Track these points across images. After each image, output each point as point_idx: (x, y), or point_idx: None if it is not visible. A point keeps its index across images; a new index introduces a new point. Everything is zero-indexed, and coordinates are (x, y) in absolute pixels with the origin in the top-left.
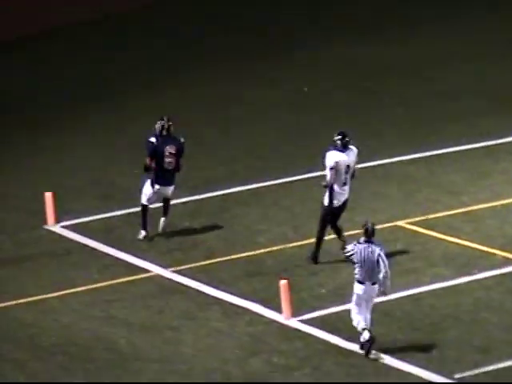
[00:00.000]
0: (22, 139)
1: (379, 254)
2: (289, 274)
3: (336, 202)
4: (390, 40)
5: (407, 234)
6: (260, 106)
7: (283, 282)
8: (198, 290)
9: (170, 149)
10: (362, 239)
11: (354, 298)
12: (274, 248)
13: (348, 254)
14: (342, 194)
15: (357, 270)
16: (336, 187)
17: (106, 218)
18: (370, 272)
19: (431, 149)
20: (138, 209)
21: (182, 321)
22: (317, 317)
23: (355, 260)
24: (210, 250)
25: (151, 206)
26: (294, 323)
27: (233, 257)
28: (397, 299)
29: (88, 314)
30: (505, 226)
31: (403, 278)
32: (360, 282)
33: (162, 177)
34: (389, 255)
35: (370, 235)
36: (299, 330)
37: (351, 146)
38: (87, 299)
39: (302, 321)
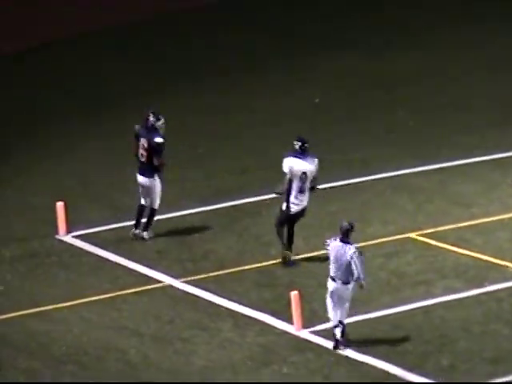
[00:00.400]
0: (34, 148)
1: (352, 257)
2: (300, 285)
3: (293, 209)
4: (403, 52)
5: (418, 246)
6: (273, 117)
7: (294, 293)
8: (208, 301)
9: (144, 142)
10: (339, 238)
11: (328, 292)
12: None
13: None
14: (299, 202)
15: (330, 266)
16: (292, 195)
17: (117, 228)
18: (342, 271)
19: (442, 161)
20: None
21: (192, 331)
22: (328, 328)
23: (329, 256)
24: (221, 261)
25: (160, 217)
26: (305, 334)
27: (244, 268)
28: (407, 311)
29: (99, 323)
30: None
31: (414, 290)
32: (332, 279)
33: (139, 166)
34: (399, 267)
35: (343, 234)
36: (310, 341)
37: (311, 155)
38: (98, 309)
39: (312, 332)
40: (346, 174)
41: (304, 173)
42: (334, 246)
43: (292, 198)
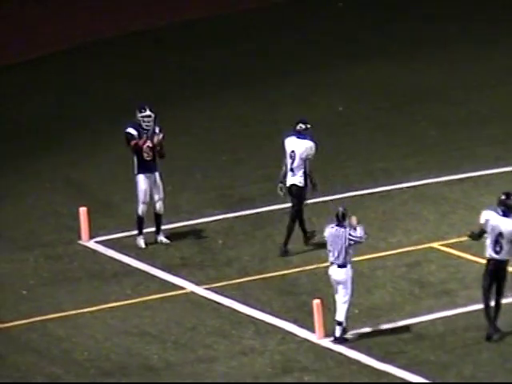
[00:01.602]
0: (58, 155)
1: (350, 234)
2: (322, 294)
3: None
4: (427, 64)
5: (441, 256)
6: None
7: (316, 302)
8: (231, 308)
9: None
10: (334, 224)
11: (331, 281)
12: (308, 267)
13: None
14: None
15: (328, 253)
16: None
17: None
18: (339, 254)
19: (466, 171)
20: (172, 225)
21: (214, 338)
22: (350, 337)
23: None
24: (244, 268)
25: (183, 224)
26: (327, 343)
27: (266, 275)
28: (430, 320)
29: (121, 329)
30: None
31: (437, 300)
32: (332, 264)
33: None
34: (422, 276)
35: (339, 219)
36: (331, 350)
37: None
38: (120, 315)
39: None
40: (370, 184)
41: (292, 151)
42: (330, 231)
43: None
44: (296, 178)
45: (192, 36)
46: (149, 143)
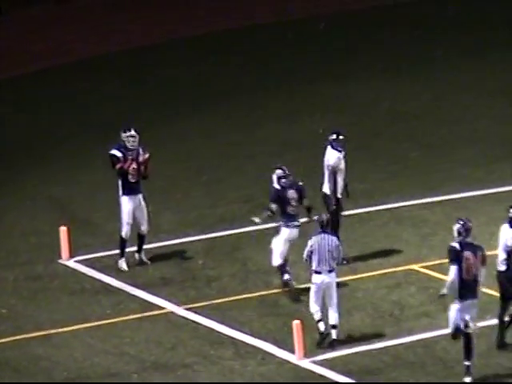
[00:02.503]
0: (39, 173)
1: (338, 244)
2: (302, 315)
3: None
4: (409, 85)
5: (421, 278)
6: (278, 146)
7: (296, 323)
8: (210, 328)
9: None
10: (318, 231)
11: (314, 287)
12: (288, 288)
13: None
14: None
15: (313, 262)
16: None
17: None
18: (327, 261)
19: (447, 193)
20: (151, 245)
21: (194, 358)
22: (329, 358)
23: (309, 253)
24: (224, 289)
25: (163, 244)
26: (307, 364)
27: (246, 296)
28: (410, 343)
29: (101, 349)
30: None
31: (416, 322)
32: (317, 273)
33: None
34: (402, 298)
35: (324, 226)
36: (311, 371)
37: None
38: (100, 334)
39: (314, 362)
40: (350, 205)
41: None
42: (317, 238)
43: None
44: (325, 187)
45: (172, 53)
46: (134, 165)
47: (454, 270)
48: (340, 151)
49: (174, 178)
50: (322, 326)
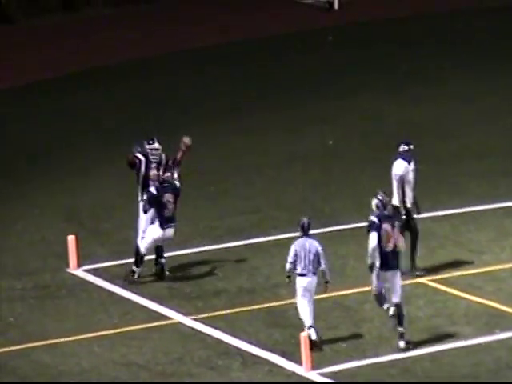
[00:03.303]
0: (47, 183)
1: (321, 249)
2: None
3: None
4: (418, 98)
5: (429, 291)
6: (286, 158)
7: (304, 335)
8: (218, 339)
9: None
10: (299, 235)
11: (300, 291)
12: (295, 300)
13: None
14: None
15: (298, 265)
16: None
17: (127, 263)
18: (311, 264)
19: (454, 207)
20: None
21: (201, 369)
22: (336, 370)
23: (295, 257)
24: (232, 300)
25: (172, 254)
26: (314, 376)
27: (254, 307)
28: (417, 356)
29: (108, 358)
30: None
31: (424, 336)
32: (302, 275)
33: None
34: (410, 312)
35: (306, 230)
36: (319, 383)
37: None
38: (107, 344)
39: (321, 374)
40: (358, 217)
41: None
42: (299, 243)
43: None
44: (394, 199)
45: (180, 64)
46: (155, 171)
47: (374, 236)
48: (409, 162)
49: (182, 190)
50: (313, 335)
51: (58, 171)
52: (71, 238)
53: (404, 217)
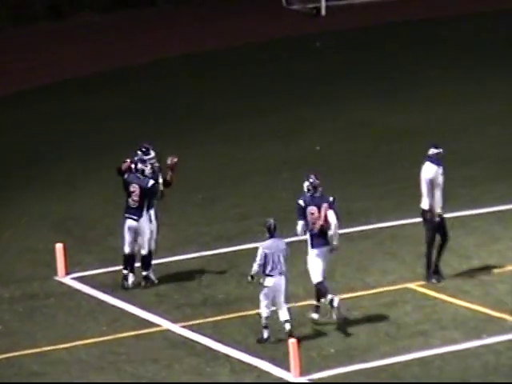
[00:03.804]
0: (35, 191)
1: (286, 250)
2: (298, 333)
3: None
4: (406, 104)
5: (417, 296)
6: (274, 164)
7: (292, 341)
8: (206, 346)
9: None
10: (267, 237)
11: (265, 290)
12: (284, 306)
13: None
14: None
15: (266, 266)
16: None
17: (115, 270)
18: (279, 264)
19: (443, 212)
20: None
21: (190, 376)
22: (325, 376)
23: (263, 259)
24: (220, 306)
25: (160, 261)
26: (303, 382)
27: (242, 313)
28: (405, 361)
29: (97, 366)
30: None
31: (412, 340)
32: (270, 276)
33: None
34: (398, 317)
35: (272, 232)
36: None
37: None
38: (96, 351)
39: (310, 380)
40: (347, 223)
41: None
42: (268, 244)
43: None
44: (423, 202)
45: (167, 72)
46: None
47: (300, 224)
48: (438, 165)
49: (170, 197)
50: (266, 334)
51: (46, 179)
52: (59, 246)
53: (437, 219)
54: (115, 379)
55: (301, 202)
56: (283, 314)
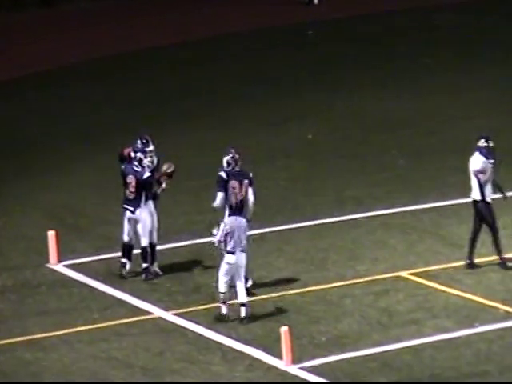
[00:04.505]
0: (28, 179)
1: (246, 226)
2: (290, 321)
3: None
4: (398, 93)
5: (409, 285)
6: (267, 153)
7: (284, 329)
8: (198, 334)
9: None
10: (228, 214)
11: (225, 267)
12: (275, 294)
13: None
14: None
15: (228, 243)
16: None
17: (108, 258)
18: (241, 241)
19: (434, 200)
20: (139, 251)
21: (182, 364)
22: (317, 364)
23: (223, 236)
24: (212, 294)
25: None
26: (294, 370)
27: (234, 301)
28: (397, 350)
29: (89, 353)
30: (506, 279)
31: (404, 329)
32: (231, 253)
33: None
34: (390, 305)
35: (235, 209)
36: (299, 377)
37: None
38: (88, 339)
39: (302, 368)
40: (338, 212)
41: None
42: (230, 221)
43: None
44: (473, 193)
45: (158, 60)
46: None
47: (220, 196)
48: (487, 157)
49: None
50: (224, 310)
51: (39, 167)
52: (51, 234)
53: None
54: (107, 367)
55: (223, 174)
56: (241, 295)
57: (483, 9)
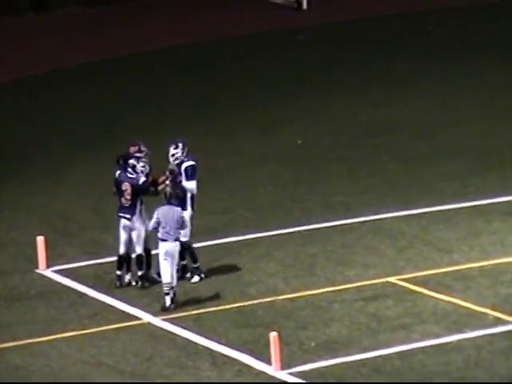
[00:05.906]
0: (18, 184)
1: (183, 217)
2: (279, 326)
3: None
4: (389, 98)
5: (398, 290)
6: (257, 158)
7: (273, 334)
8: (187, 339)
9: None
10: (163, 203)
11: (161, 255)
12: (265, 300)
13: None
14: None
15: (159, 231)
16: None
17: (97, 263)
18: (172, 230)
19: (424, 206)
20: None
21: (171, 369)
22: (306, 370)
23: (156, 224)
24: (201, 300)
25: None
26: (283, 375)
27: (224, 307)
28: (386, 355)
29: (78, 359)
30: (496, 285)
31: (393, 334)
32: (164, 240)
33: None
34: (379, 310)
35: (169, 198)
36: (288, 383)
37: None
38: (77, 344)
39: (291, 373)
40: (328, 217)
41: None
42: (162, 210)
43: None
44: None
45: (152, 65)
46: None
47: (196, 184)
48: None
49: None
50: (168, 301)
51: (29, 172)
52: (40, 239)
53: None
54: (96, 372)
55: (193, 162)
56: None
57: (472, 13)
